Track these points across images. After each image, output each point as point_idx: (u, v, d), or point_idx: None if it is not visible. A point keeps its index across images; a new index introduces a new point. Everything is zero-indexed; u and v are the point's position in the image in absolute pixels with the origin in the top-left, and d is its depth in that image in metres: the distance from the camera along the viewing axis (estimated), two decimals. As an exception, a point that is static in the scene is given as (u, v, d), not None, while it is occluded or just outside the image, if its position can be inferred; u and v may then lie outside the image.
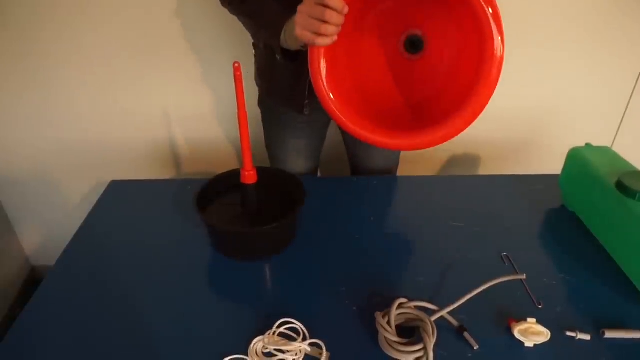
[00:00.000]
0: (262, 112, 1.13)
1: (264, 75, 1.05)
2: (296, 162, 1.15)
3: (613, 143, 1.47)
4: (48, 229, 1.68)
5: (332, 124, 1.17)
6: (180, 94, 1.39)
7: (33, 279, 1.74)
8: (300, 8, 0.70)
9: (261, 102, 1.13)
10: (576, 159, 0.89)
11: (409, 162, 1.51)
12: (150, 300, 0.72)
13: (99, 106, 1.41)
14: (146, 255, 0.82)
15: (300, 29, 0.70)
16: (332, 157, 1.45)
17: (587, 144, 0.91)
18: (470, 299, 0.67)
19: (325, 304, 0.71)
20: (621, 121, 1.43)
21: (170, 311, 0.70)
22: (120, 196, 1.01)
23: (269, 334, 0.63)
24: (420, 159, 1.50)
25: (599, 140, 1.42)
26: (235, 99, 0.73)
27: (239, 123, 0.75)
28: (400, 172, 1.24)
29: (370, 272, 0.77)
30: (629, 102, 1.39)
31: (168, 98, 1.40)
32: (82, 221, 0.93)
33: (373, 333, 0.64)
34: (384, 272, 0.77)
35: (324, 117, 1.11)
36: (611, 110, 1.42)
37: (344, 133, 1.18)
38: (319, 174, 1.29)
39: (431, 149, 1.48)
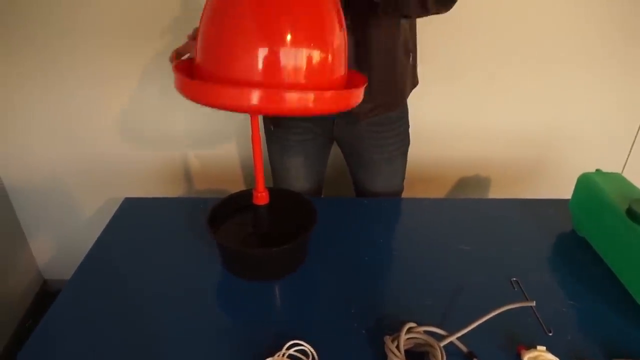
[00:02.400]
0: (264, 131, 1.16)
1: None
2: (294, 181, 1.16)
3: (624, 168, 1.46)
4: (60, 243, 1.71)
5: (334, 147, 1.19)
6: (192, 111, 1.42)
7: (44, 292, 1.76)
8: None
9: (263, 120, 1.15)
10: (586, 184, 0.90)
11: (418, 183, 1.51)
12: (162, 319, 0.73)
13: (113, 123, 1.45)
14: (158, 273, 0.83)
15: None
16: (337, 180, 1.46)
17: (597, 170, 0.92)
18: (480, 324, 0.67)
19: (334, 326, 0.71)
20: (632, 146, 1.43)
21: (181, 330, 0.70)
22: (133, 213, 1.02)
23: (279, 356, 0.64)
24: (430, 181, 1.51)
25: (610, 165, 1.43)
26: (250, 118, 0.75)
27: (253, 146, 0.76)
28: (410, 193, 1.24)
29: (379, 295, 0.77)
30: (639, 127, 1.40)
31: (180, 115, 1.43)
32: (93, 236, 0.95)
33: (382, 357, 0.64)
34: (392, 295, 0.77)
35: (319, 138, 1.12)
36: (622, 136, 1.42)
37: (348, 157, 1.19)
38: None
39: (439, 171, 1.49)
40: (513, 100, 1.38)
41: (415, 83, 1.12)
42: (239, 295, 0.78)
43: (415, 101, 1.38)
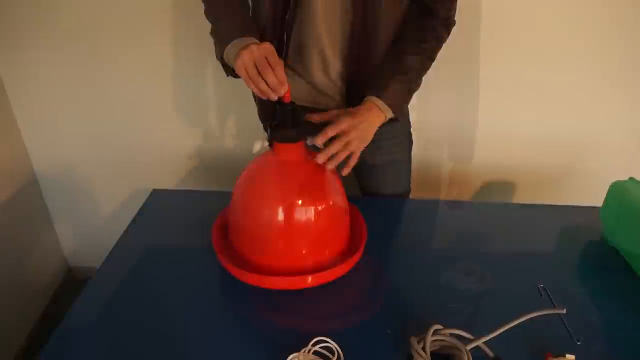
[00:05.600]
0: None
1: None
2: None
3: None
4: (86, 232, 1.74)
5: None
6: (222, 105, 1.43)
7: (70, 279, 1.80)
8: (243, 58, 0.73)
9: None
10: (618, 193, 0.88)
11: (445, 187, 1.50)
12: (188, 312, 0.74)
13: (141, 115, 1.47)
14: (184, 266, 0.85)
15: (241, 72, 0.74)
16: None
17: (630, 178, 0.90)
18: (507, 329, 0.67)
19: (359, 325, 0.72)
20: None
21: (207, 323, 0.72)
22: (161, 205, 1.04)
23: (304, 352, 0.64)
24: (457, 184, 1.50)
25: None
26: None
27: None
28: (436, 196, 1.23)
29: (404, 296, 0.78)
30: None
31: (207, 109, 1.45)
32: (120, 226, 0.96)
33: (406, 358, 0.64)
34: (417, 296, 0.77)
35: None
36: None
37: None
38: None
39: (466, 174, 1.48)
40: (542, 104, 1.36)
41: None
42: (266, 292, 0.78)
43: (442, 106, 1.38)
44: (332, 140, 0.77)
